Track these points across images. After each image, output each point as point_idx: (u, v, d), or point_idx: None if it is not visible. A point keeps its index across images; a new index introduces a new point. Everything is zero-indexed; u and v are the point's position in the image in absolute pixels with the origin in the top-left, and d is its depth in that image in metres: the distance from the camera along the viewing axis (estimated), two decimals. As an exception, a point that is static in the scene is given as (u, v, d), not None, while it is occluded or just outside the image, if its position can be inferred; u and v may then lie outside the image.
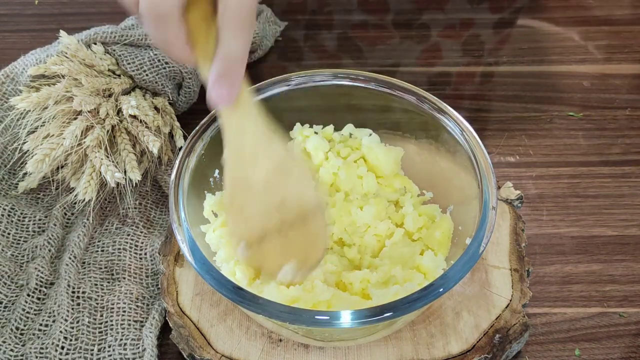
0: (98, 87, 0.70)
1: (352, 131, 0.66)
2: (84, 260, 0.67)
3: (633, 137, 0.78)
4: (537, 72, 0.85)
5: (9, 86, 0.77)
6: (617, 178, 0.75)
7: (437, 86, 0.84)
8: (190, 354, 0.59)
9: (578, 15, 0.92)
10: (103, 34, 0.73)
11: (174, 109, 0.77)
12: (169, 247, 0.66)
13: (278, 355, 0.59)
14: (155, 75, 0.73)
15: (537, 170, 0.75)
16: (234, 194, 0.52)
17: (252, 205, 0.52)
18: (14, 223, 0.69)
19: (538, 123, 0.80)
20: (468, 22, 0.92)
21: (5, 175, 0.73)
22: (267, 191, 0.51)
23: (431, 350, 0.59)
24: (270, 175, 0.51)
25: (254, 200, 0.52)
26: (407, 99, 0.64)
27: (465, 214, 0.61)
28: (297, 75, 0.65)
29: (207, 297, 0.63)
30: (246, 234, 0.53)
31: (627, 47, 0.88)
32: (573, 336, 0.63)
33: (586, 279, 0.67)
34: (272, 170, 0.51)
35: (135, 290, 0.64)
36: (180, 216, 0.57)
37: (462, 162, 0.62)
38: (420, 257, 0.60)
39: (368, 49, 0.89)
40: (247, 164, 0.51)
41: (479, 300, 0.62)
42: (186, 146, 0.61)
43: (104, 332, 0.62)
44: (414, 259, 0.60)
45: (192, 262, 0.55)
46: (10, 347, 0.61)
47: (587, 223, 0.71)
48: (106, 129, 0.68)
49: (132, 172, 0.67)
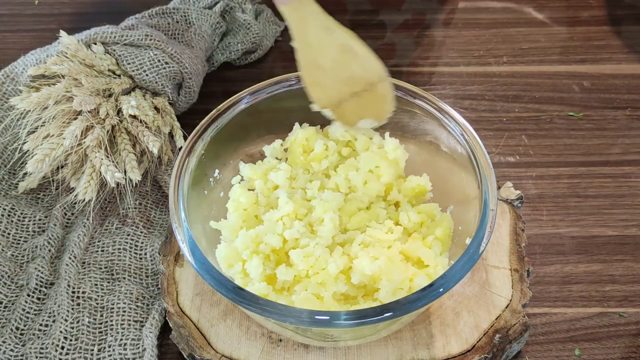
0: (98, 87, 0.70)
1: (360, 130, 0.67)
2: (84, 260, 0.67)
3: (633, 137, 0.78)
4: (537, 72, 0.85)
5: (9, 86, 0.77)
6: (617, 178, 0.75)
7: (437, 86, 0.84)
8: (190, 354, 0.59)
9: (578, 15, 0.92)
10: (103, 34, 0.73)
11: (174, 109, 0.77)
12: (169, 247, 0.66)
13: (278, 355, 0.59)
14: (155, 75, 0.73)
15: (537, 170, 0.75)
16: (309, 74, 0.61)
17: (325, 80, 0.61)
18: (14, 223, 0.69)
19: (538, 123, 0.80)
20: (468, 22, 0.92)
21: (5, 175, 0.73)
22: (335, 70, 0.61)
23: (431, 350, 0.59)
24: (335, 57, 0.60)
25: (326, 77, 0.61)
26: (407, 99, 0.64)
27: (465, 214, 0.61)
28: (297, 75, 0.65)
29: (207, 297, 0.63)
30: (326, 100, 0.62)
31: (627, 47, 0.88)
32: (573, 336, 0.63)
33: (586, 279, 0.67)
34: (336, 54, 0.60)
35: (135, 290, 0.64)
36: (180, 216, 0.57)
37: (462, 162, 0.62)
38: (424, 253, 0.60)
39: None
40: (313, 50, 0.60)
41: (479, 300, 0.62)
42: (186, 146, 0.61)
43: (104, 332, 0.62)
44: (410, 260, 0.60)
45: (192, 262, 0.55)
46: (10, 347, 0.61)
47: (587, 223, 0.71)
48: (106, 129, 0.68)
49: (132, 172, 0.67)
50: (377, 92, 0.62)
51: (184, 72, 0.75)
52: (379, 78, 0.61)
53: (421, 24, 0.92)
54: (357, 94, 0.62)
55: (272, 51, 0.88)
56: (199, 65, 0.78)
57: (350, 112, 0.63)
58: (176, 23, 0.81)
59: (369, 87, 0.62)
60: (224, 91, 0.76)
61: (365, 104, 0.62)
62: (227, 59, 0.85)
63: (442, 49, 0.89)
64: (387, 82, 0.62)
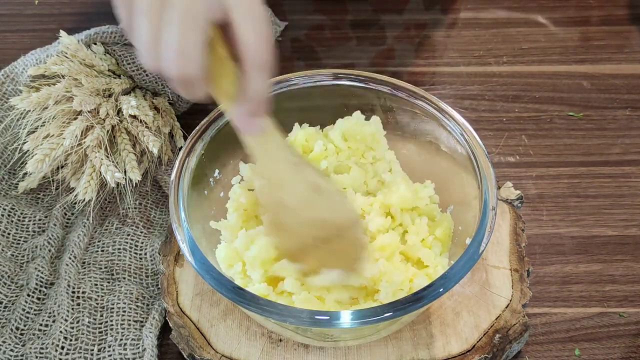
0: (98, 87, 0.70)
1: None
2: (84, 260, 0.67)
3: (633, 137, 0.78)
4: (537, 72, 0.85)
5: (9, 86, 0.77)
6: (617, 178, 0.75)
7: (437, 86, 0.84)
8: (190, 354, 0.59)
9: (578, 15, 0.92)
10: (103, 34, 0.73)
11: (174, 109, 0.77)
12: (169, 247, 0.66)
13: (278, 355, 0.59)
14: (155, 75, 0.73)
15: (537, 170, 0.75)
16: (271, 214, 0.56)
17: (289, 223, 0.55)
18: (14, 223, 0.69)
19: (538, 123, 0.80)
20: (468, 22, 0.92)
21: (5, 175, 0.73)
22: (301, 211, 0.55)
23: (431, 350, 0.59)
24: (303, 197, 0.54)
25: (290, 220, 0.55)
26: (407, 99, 0.64)
27: (465, 214, 0.61)
28: (297, 75, 0.65)
29: (207, 297, 0.63)
30: (288, 246, 0.56)
31: (627, 47, 0.88)
32: (573, 336, 0.63)
33: (586, 279, 0.67)
34: (303, 193, 0.54)
35: (135, 290, 0.64)
36: (180, 216, 0.57)
37: (462, 162, 0.62)
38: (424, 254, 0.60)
39: (367, 49, 0.89)
40: (280, 188, 0.54)
41: (479, 300, 0.62)
42: (186, 146, 0.61)
43: (104, 332, 0.62)
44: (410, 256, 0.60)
45: (192, 262, 0.55)
46: (10, 347, 0.61)
47: (587, 223, 0.71)
48: (106, 129, 0.68)
49: (132, 172, 0.67)
50: (347, 238, 0.56)
51: (184, 72, 0.75)
52: (351, 222, 0.56)
53: (421, 24, 0.92)
54: (324, 240, 0.55)
55: (272, 51, 0.88)
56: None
57: (316, 261, 0.56)
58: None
59: (339, 232, 0.55)
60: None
61: (334, 251, 0.56)
62: (227, 59, 0.85)
63: (442, 49, 0.89)
64: (359, 228, 0.56)
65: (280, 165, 0.54)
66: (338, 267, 0.56)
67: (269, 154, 0.53)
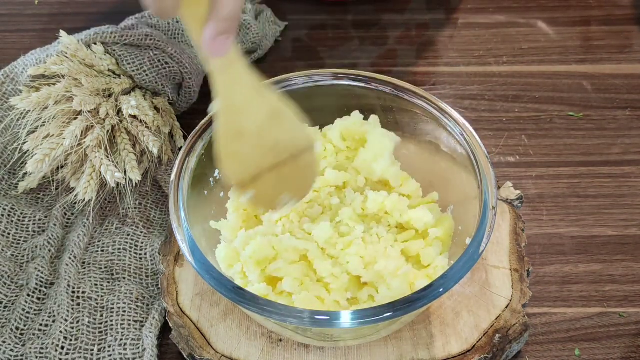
0: (98, 87, 0.70)
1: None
2: (84, 260, 0.67)
3: (633, 137, 0.78)
4: (537, 72, 0.85)
5: (9, 86, 0.77)
6: (617, 178, 0.75)
7: (437, 86, 0.84)
8: (190, 354, 0.59)
9: (578, 15, 0.92)
10: (103, 34, 0.73)
11: (174, 109, 0.77)
12: (169, 247, 0.66)
13: (278, 355, 0.59)
14: (155, 75, 0.73)
15: (537, 170, 0.75)
16: (227, 142, 0.55)
17: (245, 150, 0.55)
18: (14, 223, 0.69)
19: (538, 123, 0.80)
20: (468, 22, 0.92)
21: (5, 175, 0.73)
22: (260, 137, 0.55)
23: (431, 350, 0.59)
24: (263, 122, 0.54)
25: (247, 146, 0.55)
26: (407, 99, 0.64)
27: (465, 214, 0.61)
28: (297, 75, 0.65)
29: (207, 297, 0.63)
30: (241, 176, 0.56)
31: (627, 47, 0.88)
32: (573, 336, 0.63)
33: (586, 279, 0.67)
34: (264, 118, 0.54)
35: (135, 290, 0.64)
36: (180, 216, 0.57)
37: (462, 162, 0.62)
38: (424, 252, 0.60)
39: (367, 49, 0.89)
40: (239, 113, 0.54)
41: (479, 300, 0.62)
42: (186, 146, 0.61)
43: (104, 332, 0.62)
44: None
45: (192, 262, 0.55)
46: (10, 347, 0.61)
47: (587, 223, 0.71)
48: (106, 129, 0.68)
49: (132, 172, 0.67)
50: (301, 163, 0.56)
51: (184, 72, 0.75)
52: (307, 146, 0.56)
53: (422, 25, 0.92)
54: (278, 165, 0.56)
55: (272, 51, 0.89)
56: (199, 65, 0.78)
57: (269, 187, 0.57)
58: (176, 23, 0.81)
59: (293, 157, 0.56)
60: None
61: (286, 176, 0.57)
62: (227, 59, 0.85)
63: (442, 49, 0.89)
64: (314, 153, 0.57)
65: (244, 89, 0.53)
66: (289, 193, 0.57)
67: (233, 77, 0.52)
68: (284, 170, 0.56)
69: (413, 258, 0.61)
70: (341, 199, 0.64)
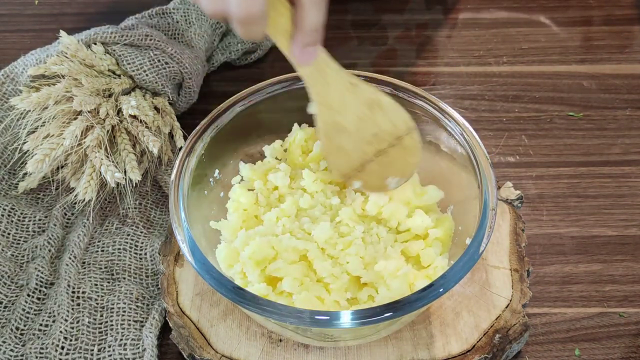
0: (98, 87, 0.70)
1: None
2: (84, 260, 0.67)
3: (633, 137, 0.78)
4: (537, 72, 0.85)
5: (9, 86, 0.77)
6: (617, 178, 0.75)
7: (437, 86, 0.84)
8: (190, 354, 0.59)
9: (578, 15, 0.92)
10: (103, 34, 0.73)
11: (174, 109, 0.77)
12: (169, 247, 0.66)
13: (278, 355, 0.59)
14: (155, 75, 0.73)
15: (537, 170, 0.75)
16: (330, 138, 0.58)
17: (348, 144, 0.58)
18: (14, 223, 0.69)
19: (538, 123, 0.80)
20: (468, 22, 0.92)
21: (5, 175, 0.73)
22: (360, 129, 0.58)
23: (431, 350, 0.59)
24: (361, 115, 0.57)
25: (349, 140, 0.58)
26: (407, 99, 0.64)
27: (465, 214, 0.61)
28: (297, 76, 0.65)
29: (207, 297, 0.63)
30: (347, 166, 0.59)
31: (627, 47, 0.88)
32: (573, 336, 0.63)
33: (586, 279, 0.67)
34: (362, 111, 0.57)
35: (135, 290, 0.64)
36: (180, 216, 0.57)
37: (462, 162, 0.62)
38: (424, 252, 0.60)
39: (367, 49, 0.89)
40: (336, 111, 0.57)
41: (479, 300, 0.62)
42: (186, 146, 0.61)
43: (104, 332, 0.62)
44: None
45: (192, 262, 0.55)
46: (10, 347, 0.61)
47: (587, 223, 0.71)
48: (106, 129, 0.68)
49: (132, 172, 0.67)
50: (403, 145, 0.59)
51: (184, 72, 0.75)
52: (407, 129, 0.59)
53: (422, 25, 0.92)
54: (382, 152, 0.59)
55: (272, 51, 0.88)
56: (199, 65, 0.78)
57: (375, 174, 0.60)
58: (176, 23, 0.81)
59: (396, 141, 0.59)
60: (224, 91, 0.76)
61: (390, 161, 0.60)
62: (227, 59, 0.85)
63: (442, 49, 0.89)
64: (415, 133, 0.59)
65: (337, 89, 0.56)
66: (394, 175, 0.60)
67: (325, 80, 0.56)
68: (387, 156, 0.59)
69: (413, 258, 0.61)
70: (341, 198, 0.64)
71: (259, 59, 0.87)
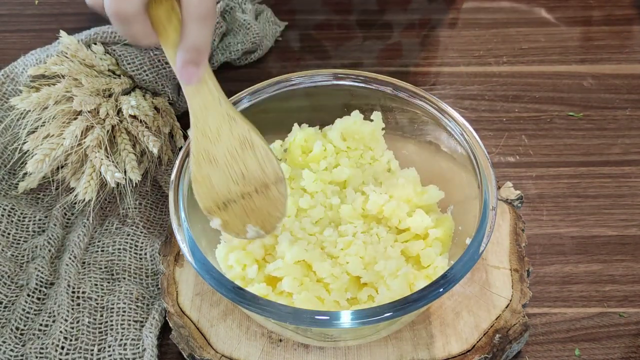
0: (98, 87, 0.70)
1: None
2: (84, 261, 0.67)
3: (633, 137, 0.78)
4: (537, 72, 0.85)
5: (9, 86, 0.77)
6: (617, 178, 0.75)
7: (437, 86, 0.84)
8: (190, 354, 0.59)
9: (578, 15, 0.92)
10: (103, 34, 0.73)
11: (174, 109, 0.77)
12: (169, 247, 0.66)
13: (278, 355, 0.59)
14: (155, 75, 0.73)
15: (537, 170, 0.75)
16: (199, 167, 0.56)
17: (215, 177, 0.56)
18: (14, 223, 0.69)
19: (538, 123, 0.80)
20: (468, 22, 0.92)
21: (5, 175, 0.73)
22: (228, 165, 0.56)
23: (431, 350, 0.59)
24: (232, 150, 0.56)
25: (216, 173, 0.56)
26: (407, 99, 0.64)
27: (465, 214, 0.61)
28: (297, 76, 0.65)
29: (207, 297, 0.63)
30: (211, 200, 0.57)
31: (627, 47, 0.88)
32: (573, 336, 0.63)
33: (586, 279, 0.67)
34: (233, 147, 0.56)
35: (135, 290, 0.64)
36: (180, 216, 0.57)
37: (462, 162, 0.62)
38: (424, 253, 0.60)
39: (367, 49, 0.89)
40: (210, 139, 0.55)
41: (479, 300, 0.62)
42: (186, 146, 0.61)
43: (104, 332, 0.62)
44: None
45: (192, 262, 0.55)
46: (10, 347, 0.61)
47: (587, 223, 0.71)
48: (106, 129, 0.68)
49: (132, 172, 0.67)
50: (268, 195, 0.57)
51: (184, 72, 0.75)
52: (276, 179, 0.57)
53: (421, 25, 0.92)
54: (246, 195, 0.57)
55: (272, 51, 0.89)
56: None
57: (236, 217, 0.58)
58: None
59: (262, 188, 0.57)
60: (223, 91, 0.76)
61: (253, 209, 0.58)
62: (227, 59, 0.85)
63: (442, 49, 0.89)
64: (282, 186, 0.57)
65: (216, 116, 0.54)
66: (255, 224, 0.58)
67: (206, 104, 0.54)
68: (251, 202, 0.57)
69: (413, 258, 0.61)
70: (341, 198, 0.64)
71: (259, 59, 0.87)
